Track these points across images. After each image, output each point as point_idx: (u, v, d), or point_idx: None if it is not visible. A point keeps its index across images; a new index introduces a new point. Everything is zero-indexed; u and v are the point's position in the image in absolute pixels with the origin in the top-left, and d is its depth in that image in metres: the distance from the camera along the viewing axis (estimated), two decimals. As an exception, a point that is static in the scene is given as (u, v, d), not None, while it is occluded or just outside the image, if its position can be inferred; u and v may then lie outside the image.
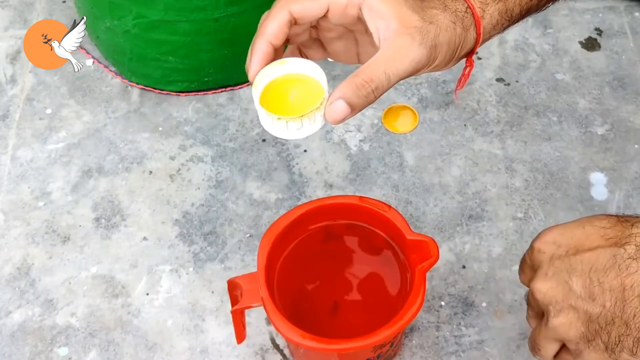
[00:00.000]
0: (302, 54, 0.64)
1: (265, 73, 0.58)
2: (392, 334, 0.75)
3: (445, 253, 0.98)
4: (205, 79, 1.13)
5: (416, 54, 0.55)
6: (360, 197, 0.83)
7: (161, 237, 1.01)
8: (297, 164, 1.07)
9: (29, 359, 0.92)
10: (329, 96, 0.56)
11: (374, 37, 0.57)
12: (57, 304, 0.96)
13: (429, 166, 1.06)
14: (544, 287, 0.58)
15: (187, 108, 1.14)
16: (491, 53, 1.18)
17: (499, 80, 1.15)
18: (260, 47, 0.57)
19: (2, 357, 0.92)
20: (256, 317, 0.93)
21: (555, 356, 0.61)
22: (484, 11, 0.60)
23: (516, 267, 0.97)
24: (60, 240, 1.01)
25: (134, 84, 1.16)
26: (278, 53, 0.59)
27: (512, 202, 1.03)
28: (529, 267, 0.62)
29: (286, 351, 0.92)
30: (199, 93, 1.15)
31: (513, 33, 1.19)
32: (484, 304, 0.95)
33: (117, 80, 1.17)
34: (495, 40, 1.18)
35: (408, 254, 0.79)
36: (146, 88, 1.15)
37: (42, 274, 0.99)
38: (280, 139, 0.59)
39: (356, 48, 0.62)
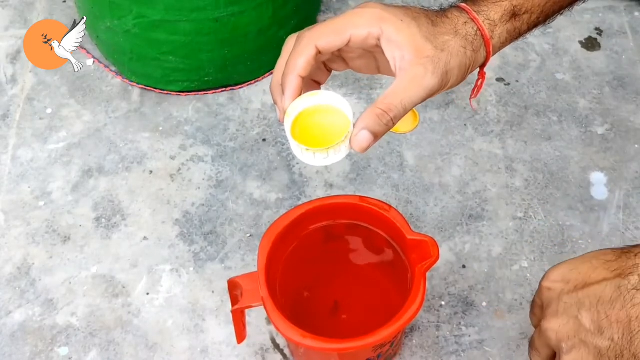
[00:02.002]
0: (327, 67, 0.68)
1: (297, 104, 0.63)
2: (392, 333, 0.75)
3: (445, 253, 0.98)
4: (206, 79, 1.13)
5: (429, 82, 0.61)
6: (361, 196, 0.83)
7: (161, 237, 1.01)
8: (297, 163, 1.07)
9: (29, 359, 0.92)
10: (354, 126, 0.61)
11: (391, 65, 0.62)
12: (57, 304, 0.96)
13: (429, 166, 1.06)
14: (555, 325, 0.58)
15: (187, 108, 1.14)
16: (491, 53, 1.18)
17: (499, 80, 1.15)
18: (291, 81, 0.62)
19: (3, 356, 0.92)
20: (256, 317, 0.94)
21: None
22: (493, 32, 0.64)
23: (516, 267, 0.97)
24: (60, 240, 1.01)
25: (135, 84, 1.16)
26: (305, 81, 0.64)
27: (512, 201, 1.03)
28: (539, 307, 0.62)
29: (286, 351, 0.92)
30: (199, 93, 1.15)
31: (513, 33, 1.19)
32: (484, 304, 0.95)
33: (118, 80, 1.17)
34: (495, 40, 1.18)
35: (408, 253, 0.79)
36: (146, 88, 1.15)
37: (43, 273, 0.99)
38: (306, 163, 0.63)
39: (376, 63, 0.66)
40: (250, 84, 1.16)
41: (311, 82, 0.68)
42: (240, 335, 0.83)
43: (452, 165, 1.06)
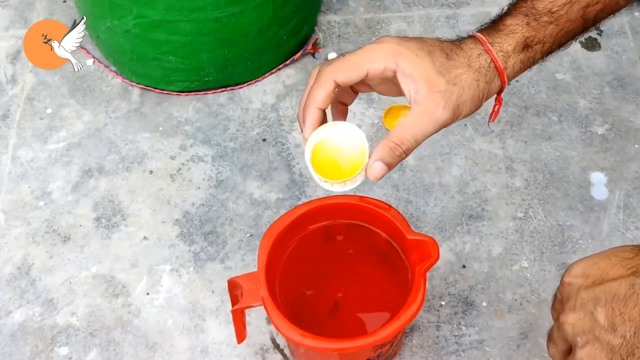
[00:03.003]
0: (353, 89, 0.71)
1: (317, 135, 0.67)
2: (392, 333, 0.75)
3: (445, 253, 0.98)
4: (206, 79, 1.13)
5: (440, 117, 0.64)
6: (361, 196, 0.83)
7: (161, 236, 1.01)
8: (297, 163, 1.07)
9: (29, 359, 0.92)
10: (369, 157, 0.66)
11: (406, 96, 0.66)
12: (57, 304, 0.96)
13: (429, 166, 1.06)
14: (572, 319, 0.58)
15: (187, 108, 1.14)
16: (491, 53, 1.18)
17: (499, 80, 1.15)
18: (311, 113, 0.67)
19: (3, 356, 0.92)
20: (256, 317, 0.94)
21: None
22: (507, 62, 0.67)
23: (516, 267, 0.97)
24: (60, 240, 1.01)
25: (135, 84, 1.16)
26: (324, 113, 0.68)
27: (512, 201, 1.03)
28: (559, 302, 0.62)
29: (286, 351, 0.92)
30: (199, 93, 1.15)
31: (513, 33, 1.19)
32: (484, 304, 0.95)
33: (118, 80, 1.17)
34: (495, 40, 1.18)
35: (408, 253, 0.79)
36: (147, 88, 1.15)
37: (43, 273, 0.99)
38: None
39: (398, 88, 0.68)
40: (250, 84, 1.16)
41: (338, 104, 0.72)
42: (240, 335, 0.83)
43: (452, 165, 1.06)
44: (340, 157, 0.67)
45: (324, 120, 0.68)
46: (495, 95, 0.70)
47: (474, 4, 1.23)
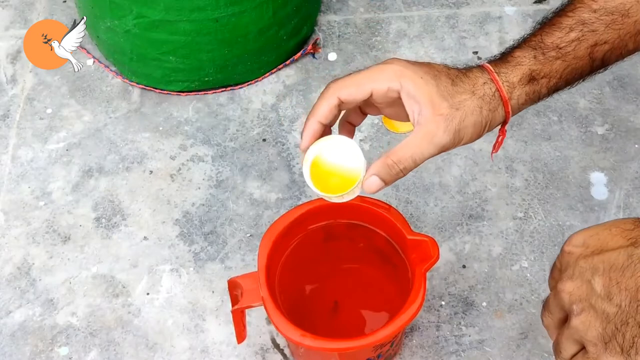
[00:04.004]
0: (362, 111, 0.72)
1: (314, 147, 0.69)
2: (392, 333, 0.75)
3: (445, 253, 0.98)
4: (206, 79, 1.13)
5: (440, 140, 0.66)
6: (361, 196, 0.83)
7: (161, 236, 1.01)
8: (297, 163, 1.07)
9: (29, 359, 0.92)
10: (366, 171, 0.67)
11: (410, 117, 0.67)
12: (57, 304, 0.96)
13: (429, 166, 1.06)
14: (569, 287, 0.59)
15: (187, 108, 1.14)
16: (491, 53, 1.18)
17: (499, 80, 1.15)
18: (311, 125, 0.68)
19: (3, 356, 0.92)
20: (256, 317, 0.94)
21: (570, 359, 0.61)
22: (512, 93, 0.68)
23: (516, 267, 0.97)
24: (60, 240, 1.01)
25: (135, 84, 1.16)
26: (327, 128, 0.70)
27: (512, 201, 1.03)
28: (558, 270, 0.63)
29: (286, 351, 0.92)
30: (199, 93, 1.15)
31: (514, 33, 1.19)
32: (484, 304, 0.95)
33: (118, 80, 1.17)
34: (495, 40, 1.18)
35: (408, 253, 0.79)
36: (147, 88, 1.15)
37: (43, 273, 0.99)
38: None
39: (405, 112, 0.69)
40: (250, 84, 1.16)
41: (346, 124, 0.73)
42: (240, 335, 0.83)
43: (452, 165, 1.06)
44: (337, 170, 0.68)
45: (324, 134, 0.69)
46: (499, 127, 0.71)
47: (474, 4, 1.23)
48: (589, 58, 0.70)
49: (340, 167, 0.68)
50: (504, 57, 0.70)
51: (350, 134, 0.73)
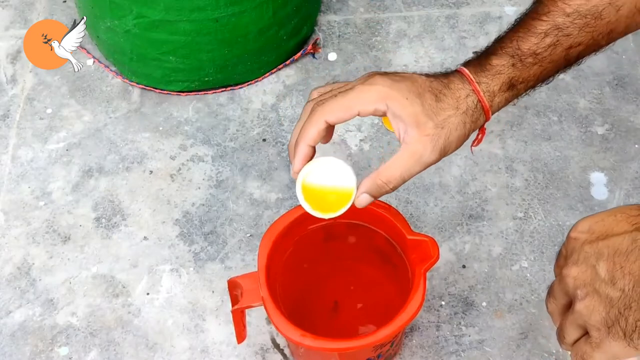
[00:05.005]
0: None
1: (307, 169, 0.71)
2: (392, 333, 0.75)
3: (445, 253, 0.98)
4: (206, 79, 1.13)
5: (427, 159, 0.69)
6: None
7: (161, 236, 1.01)
8: (297, 163, 1.07)
9: (29, 359, 0.92)
10: (357, 188, 0.71)
11: (397, 135, 0.69)
12: (57, 304, 0.96)
13: (429, 166, 1.06)
14: (574, 272, 0.59)
15: (187, 108, 1.14)
16: (491, 53, 1.18)
17: (499, 80, 1.15)
18: (302, 150, 0.70)
19: (3, 356, 0.93)
20: (256, 317, 0.94)
21: (573, 344, 0.61)
22: (492, 100, 0.71)
23: (516, 267, 0.97)
24: (60, 240, 1.01)
25: (135, 84, 1.16)
26: (314, 149, 0.72)
27: (512, 201, 1.03)
28: (563, 257, 0.63)
29: (286, 351, 0.92)
30: (199, 93, 1.15)
31: (513, 33, 1.19)
32: (484, 304, 0.95)
33: (118, 80, 1.17)
34: (495, 40, 1.18)
35: (408, 253, 0.79)
36: (147, 88, 1.15)
37: (43, 273, 0.99)
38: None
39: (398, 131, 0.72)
40: (250, 84, 1.16)
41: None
42: (240, 335, 0.83)
43: (452, 165, 1.06)
44: (329, 190, 0.71)
45: (313, 155, 0.72)
46: None
47: (474, 4, 1.23)
48: (564, 59, 0.73)
49: (331, 187, 0.71)
50: (481, 64, 0.71)
51: (330, 136, 0.74)
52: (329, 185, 0.71)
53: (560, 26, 0.71)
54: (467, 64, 0.72)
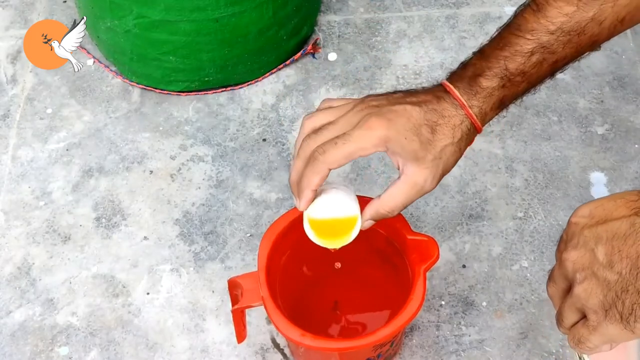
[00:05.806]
0: None
1: (311, 206, 0.75)
2: (392, 333, 0.75)
3: (445, 252, 0.98)
4: (206, 79, 1.13)
5: (428, 188, 0.73)
6: (361, 196, 0.83)
7: (162, 236, 1.01)
8: (297, 163, 1.07)
9: (29, 359, 0.92)
10: (361, 215, 0.75)
11: (395, 166, 0.73)
12: (57, 304, 0.96)
13: (429, 166, 1.06)
14: (573, 256, 0.60)
15: (187, 108, 1.14)
16: (491, 53, 1.18)
17: (499, 80, 1.15)
18: (307, 195, 0.74)
19: (3, 356, 0.93)
20: (256, 317, 0.94)
21: (570, 328, 0.62)
22: (484, 119, 0.73)
23: (516, 267, 0.97)
24: (60, 240, 1.01)
25: (135, 84, 1.16)
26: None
27: (512, 201, 1.03)
28: (564, 242, 0.64)
29: (287, 350, 0.92)
30: (200, 93, 1.15)
31: (513, 33, 1.19)
32: (484, 304, 0.95)
33: (118, 80, 1.17)
34: (495, 40, 1.18)
35: (408, 253, 0.79)
36: (147, 88, 1.15)
37: (43, 273, 0.99)
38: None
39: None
40: (250, 84, 1.16)
41: None
42: (240, 335, 0.83)
43: (452, 165, 1.06)
44: (335, 220, 0.75)
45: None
46: None
47: (474, 4, 1.23)
48: (550, 72, 0.74)
49: (337, 218, 0.75)
50: (472, 86, 0.72)
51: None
52: (335, 216, 0.75)
53: (545, 45, 0.72)
54: (454, 81, 0.73)
